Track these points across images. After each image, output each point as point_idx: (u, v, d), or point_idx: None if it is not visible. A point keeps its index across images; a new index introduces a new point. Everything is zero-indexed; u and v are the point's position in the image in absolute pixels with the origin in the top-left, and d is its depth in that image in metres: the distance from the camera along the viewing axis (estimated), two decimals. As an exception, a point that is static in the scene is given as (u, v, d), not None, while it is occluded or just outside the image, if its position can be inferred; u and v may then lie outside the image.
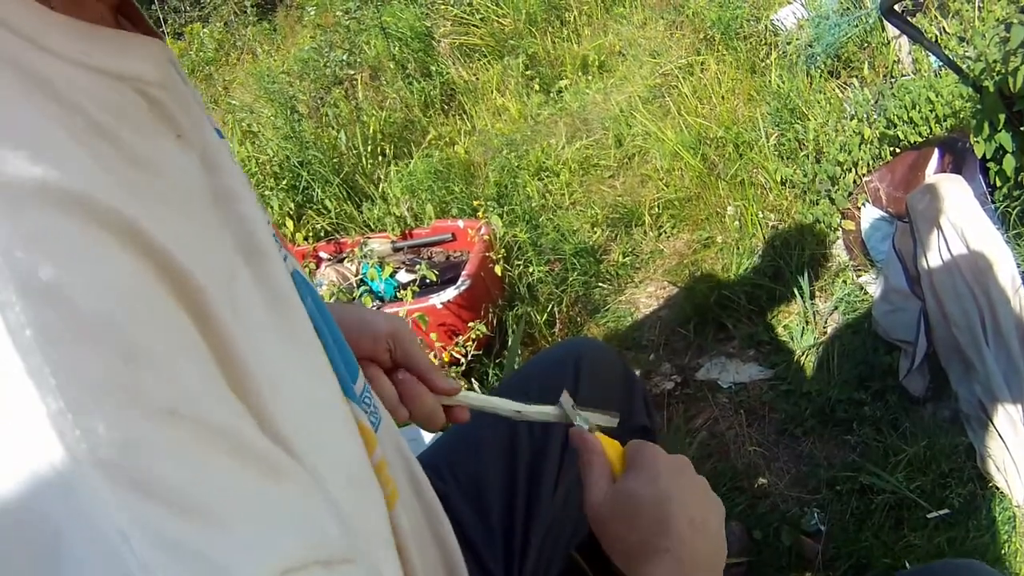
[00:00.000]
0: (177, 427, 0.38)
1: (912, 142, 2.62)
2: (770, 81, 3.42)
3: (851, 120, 2.89)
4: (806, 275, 2.49)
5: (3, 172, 0.37)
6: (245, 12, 6.54)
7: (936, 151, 2.39)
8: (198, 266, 0.44)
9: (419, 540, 0.76)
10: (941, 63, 2.42)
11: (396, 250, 3.10)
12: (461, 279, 2.62)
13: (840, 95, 3.18)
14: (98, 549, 0.33)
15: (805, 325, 2.42)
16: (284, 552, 0.39)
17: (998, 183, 2.21)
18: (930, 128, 2.63)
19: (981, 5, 3.10)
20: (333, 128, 4.08)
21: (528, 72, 4.31)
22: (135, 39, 0.53)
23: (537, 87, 4.22)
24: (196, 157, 0.56)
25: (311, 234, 3.29)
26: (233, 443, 0.41)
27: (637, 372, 2.44)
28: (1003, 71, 2.12)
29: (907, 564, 1.72)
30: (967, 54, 2.65)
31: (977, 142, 2.18)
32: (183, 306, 0.43)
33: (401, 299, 2.65)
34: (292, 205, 3.50)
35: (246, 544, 0.38)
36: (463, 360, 2.50)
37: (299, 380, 0.56)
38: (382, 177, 3.73)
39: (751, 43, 3.69)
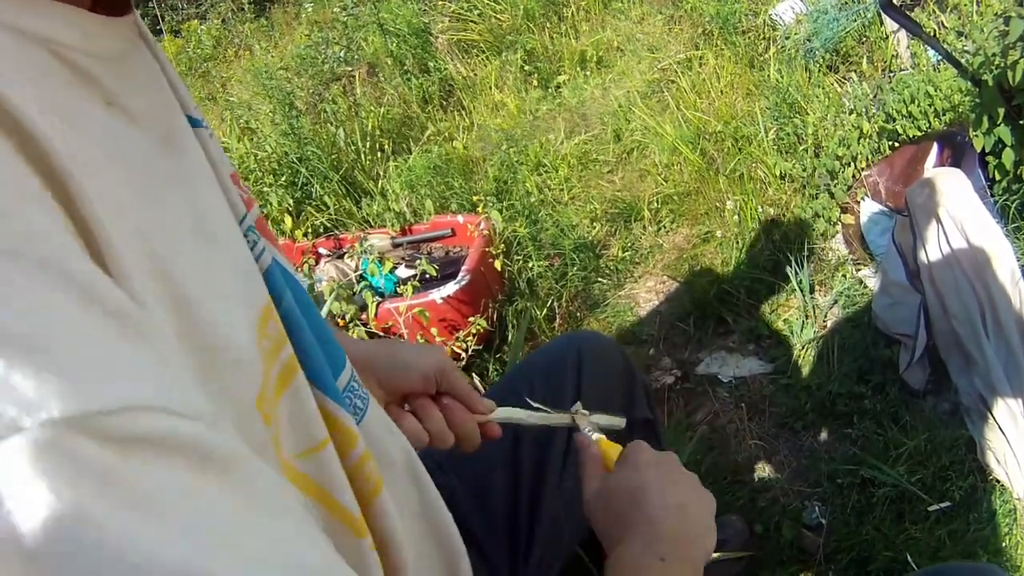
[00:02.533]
0: (18, 265, 0.37)
1: (911, 136, 2.63)
2: (769, 76, 3.42)
3: (850, 114, 2.89)
4: (805, 269, 2.49)
5: None
6: (242, 9, 6.53)
7: (935, 145, 2.39)
8: (81, 172, 0.44)
9: (411, 533, 0.76)
10: (940, 57, 2.43)
11: (396, 246, 3.10)
12: (461, 274, 2.62)
13: (839, 89, 3.18)
14: None
15: (805, 319, 2.42)
16: (124, 391, 0.37)
17: (997, 176, 2.21)
18: (929, 122, 2.63)
19: (979, -1, 3.10)
20: (331, 124, 4.07)
21: (526, 68, 4.31)
22: (59, 7, 0.53)
23: (535, 82, 4.21)
24: (136, 131, 0.55)
25: (311, 230, 3.29)
26: (87, 290, 0.39)
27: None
28: (1002, 65, 2.12)
29: (908, 557, 1.72)
30: (966, 48, 2.65)
31: (976, 136, 2.18)
32: (48, 187, 0.42)
33: (401, 295, 2.65)
34: (291, 201, 3.50)
35: (82, 376, 0.36)
36: (463, 355, 2.50)
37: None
38: (381, 173, 3.73)
39: (749, 38, 3.69)
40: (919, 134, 2.61)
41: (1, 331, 0.34)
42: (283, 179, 3.61)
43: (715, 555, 1.54)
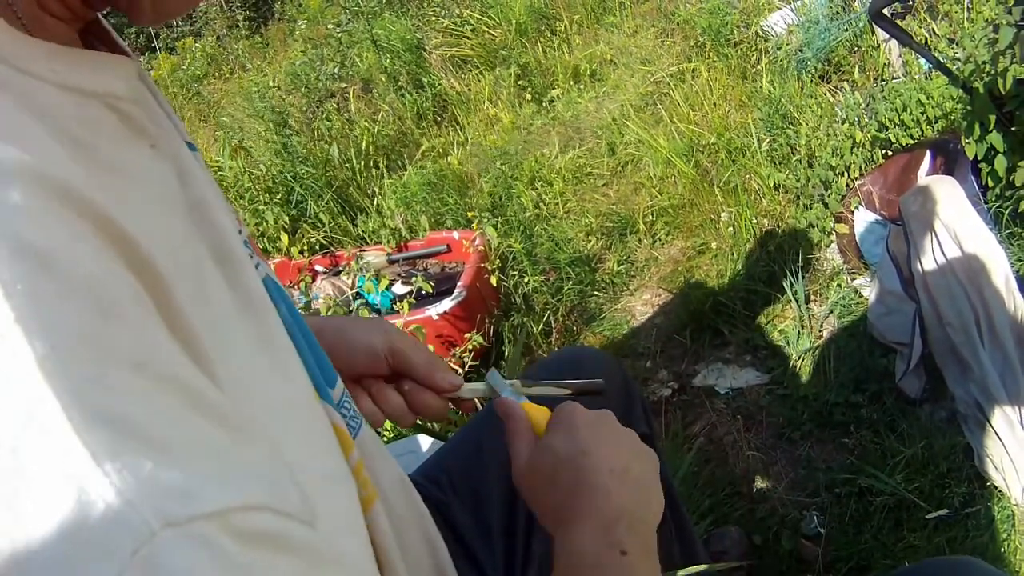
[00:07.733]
0: (144, 377, 0.41)
1: (904, 144, 2.63)
2: (761, 87, 3.43)
3: (843, 124, 2.90)
4: (801, 279, 2.49)
5: None
6: (237, 26, 6.55)
7: (928, 153, 2.40)
8: (163, 258, 0.48)
9: (404, 544, 0.76)
10: (931, 65, 2.43)
11: (391, 262, 3.10)
12: (457, 290, 2.62)
13: (831, 99, 3.19)
14: (66, 472, 0.36)
15: (801, 329, 2.42)
16: (244, 491, 0.41)
17: (990, 183, 2.22)
18: (921, 130, 2.64)
19: (970, 6, 3.11)
20: (326, 142, 4.08)
21: (520, 82, 4.32)
22: (103, 58, 0.56)
23: (529, 97, 4.23)
24: (170, 167, 0.58)
25: (306, 248, 3.30)
26: (196, 398, 0.43)
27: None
28: (992, 72, 2.13)
29: (907, 564, 1.72)
30: (957, 56, 2.66)
31: (968, 143, 2.19)
32: (147, 290, 0.46)
33: (397, 311, 2.66)
34: (287, 219, 3.51)
35: (209, 476, 0.40)
36: (460, 371, 2.50)
37: (266, 379, 0.58)
38: (376, 190, 3.73)
39: (742, 49, 3.71)
40: (912, 142, 2.62)
41: (144, 434, 0.39)
42: (278, 197, 3.62)
43: (714, 566, 1.54)
